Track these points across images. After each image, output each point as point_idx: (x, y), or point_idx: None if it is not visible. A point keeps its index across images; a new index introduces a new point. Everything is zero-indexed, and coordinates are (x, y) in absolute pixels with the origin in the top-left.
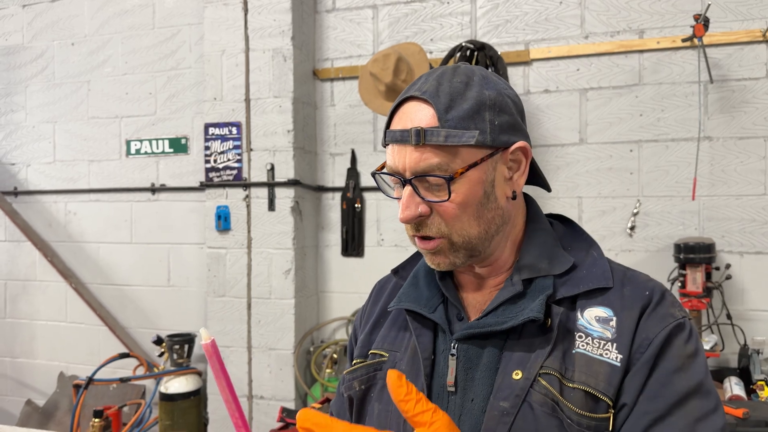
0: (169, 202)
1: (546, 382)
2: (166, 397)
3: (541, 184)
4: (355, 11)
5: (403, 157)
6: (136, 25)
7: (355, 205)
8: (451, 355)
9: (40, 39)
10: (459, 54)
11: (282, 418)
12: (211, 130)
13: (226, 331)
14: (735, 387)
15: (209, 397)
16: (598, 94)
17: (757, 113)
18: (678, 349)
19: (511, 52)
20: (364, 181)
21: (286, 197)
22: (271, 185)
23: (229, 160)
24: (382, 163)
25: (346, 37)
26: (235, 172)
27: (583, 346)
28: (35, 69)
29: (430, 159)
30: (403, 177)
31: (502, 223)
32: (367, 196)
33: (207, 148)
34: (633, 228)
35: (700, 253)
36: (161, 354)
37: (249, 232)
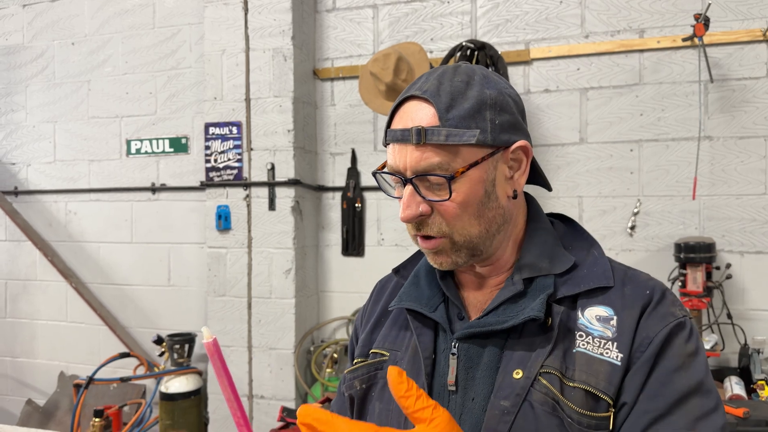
0: (169, 201)
1: (546, 381)
2: (166, 397)
3: (542, 184)
4: (356, 11)
5: (403, 157)
6: (137, 25)
7: (356, 205)
8: (452, 354)
9: (41, 39)
10: (459, 53)
11: (282, 418)
12: (211, 130)
13: (226, 330)
14: (735, 386)
15: (210, 396)
16: (598, 94)
17: (757, 113)
18: (678, 348)
19: (511, 51)
20: (365, 180)
21: (286, 197)
22: (271, 185)
23: (229, 159)
24: (383, 163)
25: (347, 36)
26: (235, 171)
27: (584, 345)
28: (35, 69)
29: (431, 158)
30: (404, 176)
31: (503, 222)
32: (367, 195)
33: (207, 148)
34: (633, 227)
35: (700, 252)
36: (161, 354)
37: (249, 231)
